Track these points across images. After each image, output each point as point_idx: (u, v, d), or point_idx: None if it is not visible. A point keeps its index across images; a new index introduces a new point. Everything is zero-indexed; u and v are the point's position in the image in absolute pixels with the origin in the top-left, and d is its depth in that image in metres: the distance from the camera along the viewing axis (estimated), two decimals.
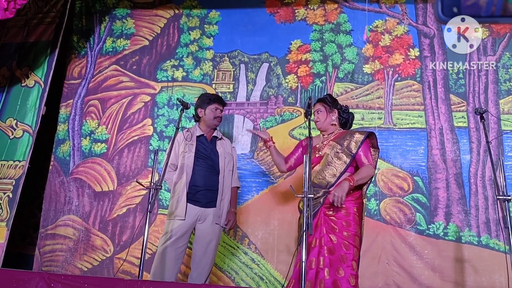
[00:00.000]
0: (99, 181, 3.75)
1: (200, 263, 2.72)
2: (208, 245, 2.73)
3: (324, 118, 2.67)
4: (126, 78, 3.97)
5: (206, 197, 2.76)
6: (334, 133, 2.67)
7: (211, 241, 2.74)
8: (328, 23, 3.80)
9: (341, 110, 2.72)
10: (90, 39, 4.12)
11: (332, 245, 2.38)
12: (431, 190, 3.33)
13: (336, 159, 2.55)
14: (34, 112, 3.70)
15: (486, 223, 3.21)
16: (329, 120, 2.68)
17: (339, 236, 2.39)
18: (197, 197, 2.75)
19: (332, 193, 2.40)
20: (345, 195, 2.37)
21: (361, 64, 3.67)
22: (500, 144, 3.34)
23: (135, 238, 3.41)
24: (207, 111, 2.89)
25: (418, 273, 3.16)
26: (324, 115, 2.68)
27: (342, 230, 2.40)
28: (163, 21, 4.05)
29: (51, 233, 3.68)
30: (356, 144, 2.54)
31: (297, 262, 2.40)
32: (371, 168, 2.52)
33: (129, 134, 3.83)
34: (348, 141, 2.56)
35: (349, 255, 2.35)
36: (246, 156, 3.64)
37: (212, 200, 2.78)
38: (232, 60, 3.88)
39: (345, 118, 2.73)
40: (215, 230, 2.76)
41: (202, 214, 2.74)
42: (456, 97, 3.50)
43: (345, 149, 2.54)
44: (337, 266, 2.33)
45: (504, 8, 0.68)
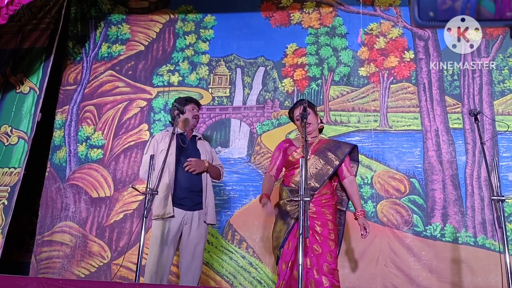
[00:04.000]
0: (96, 187, 3.74)
1: (190, 267, 2.72)
2: (195, 248, 2.74)
3: (314, 121, 2.73)
4: (122, 84, 3.97)
5: (191, 200, 2.76)
6: (317, 137, 2.75)
7: (199, 244, 2.75)
8: (323, 27, 3.81)
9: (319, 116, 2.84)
10: (85, 45, 4.11)
11: (318, 243, 2.48)
12: (427, 192, 3.35)
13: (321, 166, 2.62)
14: (29, 118, 3.69)
15: (482, 223, 3.23)
16: (315, 123, 2.75)
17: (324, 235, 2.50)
18: (182, 201, 2.74)
19: (364, 227, 2.55)
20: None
21: (356, 67, 3.69)
22: (495, 145, 3.36)
23: (132, 244, 3.40)
24: (186, 111, 2.88)
25: (415, 275, 3.17)
26: (314, 118, 2.74)
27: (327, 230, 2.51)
28: (158, 26, 4.06)
29: (48, 240, 3.66)
30: (341, 155, 2.64)
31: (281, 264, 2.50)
32: (354, 180, 2.69)
33: (125, 139, 3.82)
34: (333, 151, 2.66)
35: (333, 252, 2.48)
36: (243, 160, 3.64)
37: (197, 203, 2.78)
38: (228, 64, 3.89)
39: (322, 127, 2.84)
40: (201, 232, 2.77)
41: (188, 217, 2.74)
42: (451, 99, 3.52)
43: (330, 159, 2.64)
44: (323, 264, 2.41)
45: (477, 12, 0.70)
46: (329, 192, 2.62)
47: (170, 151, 2.66)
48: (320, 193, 2.59)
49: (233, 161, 3.65)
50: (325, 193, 2.61)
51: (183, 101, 2.94)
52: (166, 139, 2.78)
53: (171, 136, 2.67)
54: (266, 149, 3.63)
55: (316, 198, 2.56)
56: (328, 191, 2.62)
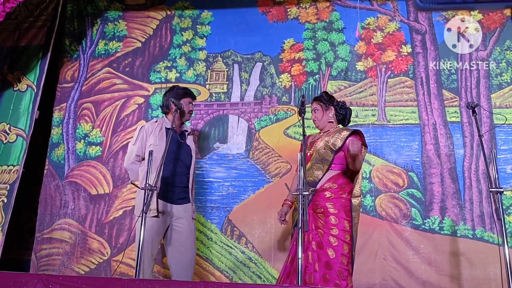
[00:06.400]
0: (95, 184, 3.74)
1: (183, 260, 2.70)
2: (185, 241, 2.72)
3: (321, 116, 2.73)
4: (119, 81, 3.96)
5: (176, 194, 2.74)
6: (329, 131, 2.71)
7: (190, 237, 2.75)
8: (320, 21, 3.81)
9: (337, 106, 2.75)
10: (82, 42, 4.10)
11: (320, 239, 2.46)
12: (426, 185, 3.36)
13: (323, 155, 2.59)
14: (27, 116, 3.69)
15: (480, 216, 3.24)
16: (326, 118, 2.73)
17: (326, 232, 2.46)
18: (167, 194, 2.71)
19: (351, 145, 2.39)
20: (359, 148, 2.42)
21: (354, 61, 3.69)
22: (493, 138, 3.37)
23: (131, 240, 3.40)
24: (182, 104, 2.85)
25: (414, 268, 3.18)
26: (321, 114, 2.73)
27: (330, 225, 2.47)
28: (155, 23, 4.05)
29: (47, 237, 3.66)
30: (341, 140, 2.59)
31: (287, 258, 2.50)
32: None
33: (124, 136, 3.82)
34: (335, 138, 2.62)
35: (337, 249, 2.41)
36: (241, 155, 3.65)
37: (183, 197, 2.77)
38: (226, 60, 3.88)
39: (342, 115, 2.77)
40: (191, 226, 2.78)
41: (176, 212, 2.72)
42: (449, 92, 3.53)
43: (330, 146, 2.60)
44: (325, 260, 2.39)
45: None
46: (335, 186, 2.56)
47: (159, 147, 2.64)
48: (322, 187, 2.56)
49: (231, 157, 3.65)
50: (329, 187, 2.56)
51: (181, 92, 2.92)
52: (156, 132, 2.76)
53: (170, 132, 2.65)
54: (264, 145, 3.63)
55: (319, 193, 2.54)
56: (333, 184, 2.56)
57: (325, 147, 2.61)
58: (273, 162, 3.56)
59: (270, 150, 3.60)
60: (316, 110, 2.74)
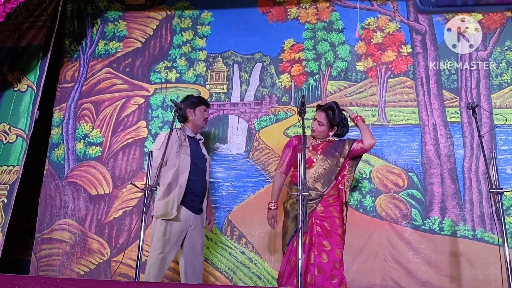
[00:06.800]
0: (95, 185, 3.74)
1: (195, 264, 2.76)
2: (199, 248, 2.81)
3: (322, 132, 2.75)
4: (119, 81, 3.96)
5: (197, 203, 2.81)
6: (325, 139, 2.80)
7: (201, 244, 2.83)
8: (320, 22, 3.81)
9: (339, 125, 2.80)
10: (82, 42, 4.10)
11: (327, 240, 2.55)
12: (426, 186, 3.36)
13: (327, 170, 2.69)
14: (27, 116, 3.69)
15: (480, 216, 3.24)
16: (326, 135, 2.80)
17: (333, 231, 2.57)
18: (191, 203, 2.77)
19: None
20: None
21: (354, 61, 3.69)
22: (493, 138, 3.37)
23: (131, 241, 3.40)
24: (197, 112, 2.92)
25: (414, 269, 3.18)
26: (325, 130, 2.77)
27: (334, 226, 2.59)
28: (155, 23, 4.04)
29: (47, 238, 3.66)
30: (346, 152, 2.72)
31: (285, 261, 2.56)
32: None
33: (124, 136, 3.82)
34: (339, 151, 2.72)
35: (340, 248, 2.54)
36: (241, 156, 3.65)
37: (201, 207, 2.84)
38: (226, 61, 3.88)
39: (341, 133, 2.86)
40: (202, 233, 2.86)
41: (194, 220, 2.78)
42: (449, 93, 3.52)
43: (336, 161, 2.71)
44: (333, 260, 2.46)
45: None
46: (336, 193, 2.70)
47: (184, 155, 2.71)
48: (328, 194, 2.67)
49: (231, 157, 3.65)
50: (332, 194, 2.69)
51: (195, 101, 2.96)
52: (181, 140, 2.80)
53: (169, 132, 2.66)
54: (264, 145, 3.63)
55: (324, 199, 2.65)
56: (335, 192, 2.70)
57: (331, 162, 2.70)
58: (273, 162, 3.56)
59: (270, 151, 3.60)
60: (321, 124, 2.77)
